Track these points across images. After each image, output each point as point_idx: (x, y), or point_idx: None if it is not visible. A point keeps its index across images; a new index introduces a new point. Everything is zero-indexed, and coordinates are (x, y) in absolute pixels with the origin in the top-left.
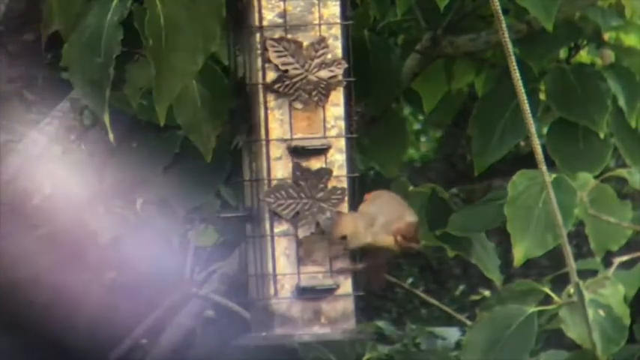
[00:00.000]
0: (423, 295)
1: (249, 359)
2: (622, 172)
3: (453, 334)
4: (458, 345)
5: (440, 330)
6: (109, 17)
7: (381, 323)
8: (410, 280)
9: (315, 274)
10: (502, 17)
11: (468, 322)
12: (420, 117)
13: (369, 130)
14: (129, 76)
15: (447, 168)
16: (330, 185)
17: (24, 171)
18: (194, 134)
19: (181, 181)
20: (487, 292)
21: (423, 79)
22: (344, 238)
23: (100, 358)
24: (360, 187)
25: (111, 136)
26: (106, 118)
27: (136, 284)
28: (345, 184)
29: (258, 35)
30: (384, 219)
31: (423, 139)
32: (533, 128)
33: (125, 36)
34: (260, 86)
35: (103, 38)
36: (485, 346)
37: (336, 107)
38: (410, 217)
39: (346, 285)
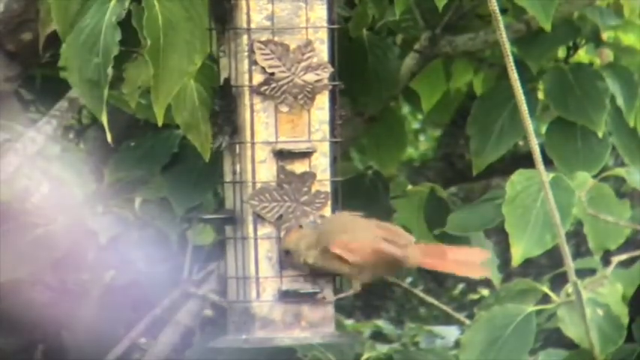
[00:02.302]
0: (421, 294)
1: (246, 359)
2: (620, 171)
3: (451, 333)
4: (457, 344)
5: (439, 329)
6: (107, 17)
7: (380, 322)
8: (409, 280)
9: (296, 278)
10: (500, 17)
11: (467, 321)
12: (419, 116)
13: (367, 129)
14: (127, 75)
15: (445, 167)
16: (313, 189)
17: (22, 170)
18: (192, 133)
19: (180, 180)
20: (486, 292)
21: (422, 78)
22: (287, 252)
23: (99, 358)
24: (358, 187)
25: (108, 136)
26: (104, 118)
27: (135, 283)
28: (328, 189)
29: (245, 37)
30: (323, 243)
31: (421, 138)
32: (531, 128)
33: (123, 35)
34: (246, 88)
35: (101, 38)
36: (484, 345)
37: (321, 111)
38: (356, 234)
39: (327, 289)
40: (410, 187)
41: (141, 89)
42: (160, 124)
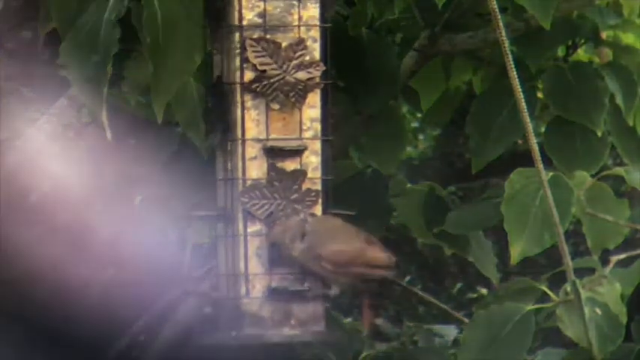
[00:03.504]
0: (420, 292)
1: (245, 357)
2: (619, 170)
3: (450, 331)
4: (455, 343)
5: (437, 328)
6: (106, 15)
7: (378, 321)
8: (407, 278)
9: (286, 275)
10: (499, 15)
11: (466, 320)
12: (418, 115)
13: (366, 128)
14: (127, 73)
15: (444, 166)
16: (304, 187)
17: (22, 168)
18: (192, 131)
19: (180, 177)
20: (484, 291)
21: (421, 77)
22: (273, 245)
23: (99, 355)
24: (357, 186)
25: (108, 134)
26: (104, 117)
27: (135, 281)
28: (319, 187)
29: (237, 34)
30: (309, 242)
31: (420, 137)
32: (530, 127)
33: (123, 33)
34: (238, 86)
35: (101, 36)
36: (483, 344)
37: (312, 109)
38: (340, 246)
39: (317, 287)
40: (409, 185)
41: (141, 87)
42: (159, 121)
